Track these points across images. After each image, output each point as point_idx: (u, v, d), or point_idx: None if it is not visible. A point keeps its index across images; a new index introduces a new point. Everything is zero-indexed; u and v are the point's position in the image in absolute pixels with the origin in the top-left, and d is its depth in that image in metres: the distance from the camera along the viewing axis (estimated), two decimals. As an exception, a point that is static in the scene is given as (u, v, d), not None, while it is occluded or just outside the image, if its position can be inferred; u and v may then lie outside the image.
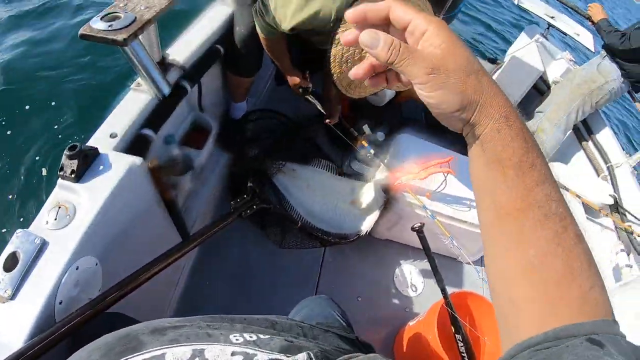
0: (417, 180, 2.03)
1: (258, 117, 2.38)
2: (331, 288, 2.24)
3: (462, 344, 1.79)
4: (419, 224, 1.75)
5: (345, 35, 0.53)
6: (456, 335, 1.75)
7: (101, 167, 1.16)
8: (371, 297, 2.31)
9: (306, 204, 2.25)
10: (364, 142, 2.24)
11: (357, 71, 0.58)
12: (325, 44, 1.55)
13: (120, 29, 1.22)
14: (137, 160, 1.23)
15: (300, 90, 2.12)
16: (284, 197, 2.22)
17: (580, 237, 0.48)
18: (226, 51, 1.99)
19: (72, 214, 1.06)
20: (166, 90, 1.47)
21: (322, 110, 2.20)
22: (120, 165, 1.18)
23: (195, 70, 1.74)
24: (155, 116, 1.49)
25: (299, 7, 1.52)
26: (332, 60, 1.56)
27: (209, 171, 2.13)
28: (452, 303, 1.79)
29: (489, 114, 0.48)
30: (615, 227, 2.78)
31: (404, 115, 2.69)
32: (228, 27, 2.00)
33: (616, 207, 2.82)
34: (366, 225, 2.21)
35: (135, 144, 1.39)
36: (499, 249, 0.50)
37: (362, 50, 1.47)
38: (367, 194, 2.28)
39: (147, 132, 1.44)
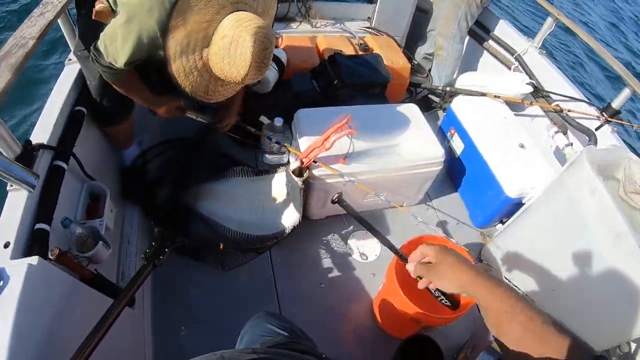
0: (325, 152, 1.97)
1: (155, 154, 2.29)
2: (291, 286, 2.24)
3: (434, 290, 1.77)
4: (337, 195, 1.74)
5: None
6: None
7: (0, 283, 1.13)
8: (333, 278, 2.31)
9: (235, 217, 2.24)
10: (263, 135, 2.16)
11: None
12: None
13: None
14: (33, 260, 1.19)
15: (179, 110, 2.04)
16: (213, 221, 2.19)
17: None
18: (89, 108, 1.92)
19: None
20: (34, 181, 1.40)
21: (207, 121, 2.14)
22: (19, 272, 1.15)
23: (64, 144, 1.68)
24: (42, 209, 1.45)
25: (123, 38, 1.47)
26: (177, 78, 1.53)
27: (128, 227, 2.12)
28: (405, 256, 1.75)
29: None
30: (545, 112, 2.77)
31: (294, 90, 2.65)
32: (82, 85, 1.94)
33: (538, 93, 2.83)
34: (295, 214, 2.20)
35: (32, 243, 1.35)
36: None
37: (201, 56, 1.33)
38: (284, 183, 2.26)
39: (41, 226, 1.40)
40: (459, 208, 2.82)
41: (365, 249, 2.42)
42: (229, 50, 1.44)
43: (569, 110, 2.64)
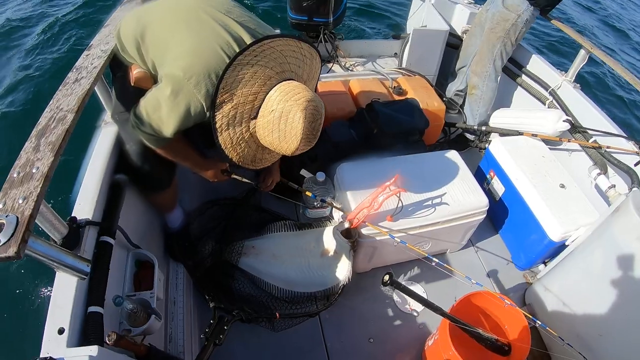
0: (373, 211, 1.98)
1: (198, 214, 2.30)
2: (339, 342, 2.20)
3: (489, 343, 1.83)
4: (387, 278, 1.74)
5: None
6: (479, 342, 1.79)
7: None
8: (381, 332, 2.26)
9: (280, 275, 2.20)
10: (307, 193, 2.17)
11: None
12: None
13: (7, 241, 1.10)
14: (92, 351, 1.16)
15: (225, 174, 2.01)
16: (256, 278, 2.16)
17: None
18: (130, 174, 1.85)
19: None
20: (86, 268, 1.36)
21: (253, 182, 2.12)
22: None
23: (109, 217, 1.63)
24: (94, 291, 1.41)
25: (169, 109, 1.45)
26: (224, 149, 1.52)
27: (173, 287, 2.08)
28: (457, 318, 1.78)
29: None
30: (583, 149, 2.75)
31: (333, 140, 2.64)
32: (120, 151, 1.86)
33: (575, 129, 2.80)
34: (345, 272, 2.17)
35: (88, 328, 1.31)
36: None
37: (248, 128, 1.51)
38: (332, 240, 2.24)
39: (94, 309, 1.36)
40: (500, 250, 2.76)
41: (412, 301, 2.41)
42: (279, 125, 1.43)
43: (607, 147, 2.58)
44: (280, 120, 1.43)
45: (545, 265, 2.54)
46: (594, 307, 1.96)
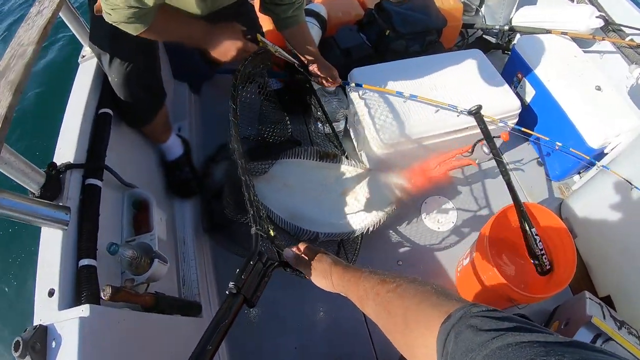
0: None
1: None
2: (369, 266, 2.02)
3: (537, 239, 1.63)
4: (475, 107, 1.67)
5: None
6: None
7: (54, 344, 0.98)
8: (410, 254, 2.14)
9: (287, 206, 1.96)
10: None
11: None
12: None
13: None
14: (83, 312, 1.02)
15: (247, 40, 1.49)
16: (264, 206, 1.93)
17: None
18: (115, 108, 1.64)
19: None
20: (65, 217, 1.19)
21: (299, 62, 1.84)
22: (71, 329, 1.00)
23: (94, 157, 1.44)
24: (83, 241, 1.24)
25: None
26: None
27: (181, 226, 1.95)
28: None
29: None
30: (618, 48, 2.43)
31: (342, 47, 2.38)
32: (103, 83, 1.65)
33: (608, 27, 2.47)
34: (365, 223, 1.93)
35: (80, 285, 1.15)
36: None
37: None
38: (365, 184, 2.01)
39: (85, 262, 1.20)
40: (532, 161, 2.56)
41: (440, 218, 2.23)
42: None
43: None
44: None
45: (580, 177, 2.37)
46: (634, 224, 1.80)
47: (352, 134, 2.36)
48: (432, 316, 0.59)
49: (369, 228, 1.89)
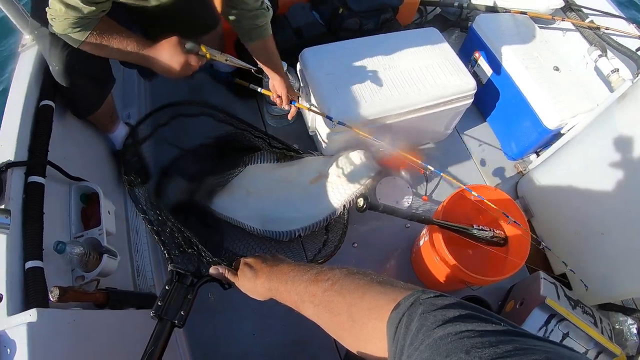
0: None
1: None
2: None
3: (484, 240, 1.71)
4: (361, 202, 1.56)
5: None
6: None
7: (8, 352, 0.96)
8: (364, 236, 2.15)
9: (255, 213, 1.95)
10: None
11: None
12: None
13: None
14: (31, 317, 1.00)
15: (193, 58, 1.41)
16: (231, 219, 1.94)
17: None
18: (58, 99, 1.55)
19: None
20: (6, 221, 1.11)
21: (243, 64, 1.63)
22: (21, 335, 0.97)
23: (36, 154, 1.36)
24: (28, 242, 1.19)
25: None
26: None
27: (133, 216, 1.90)
28: (446, 223, 1.67)
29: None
30: (578, 30, 2.40)
31: (293, 26, 2.30)
32: (44, 74, 1.55)
33: (569, 7, 2.45)
34: (345, 198, 1.90)
35: (28, 287, 1.12)
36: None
37: None
38: (335, 166, 1.97)
39: (32, 264, 1.15)
40: (489, 139, 2.57)
41: (396, 198, 2.23)
42: None
43: (606, 28, 2.28)
44: None
45: (538, 156, 2.39)
46: (596, 203, 1.84)
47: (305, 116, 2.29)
48: (380, 306, 0.59)
49: (350, 202, 1.87)
